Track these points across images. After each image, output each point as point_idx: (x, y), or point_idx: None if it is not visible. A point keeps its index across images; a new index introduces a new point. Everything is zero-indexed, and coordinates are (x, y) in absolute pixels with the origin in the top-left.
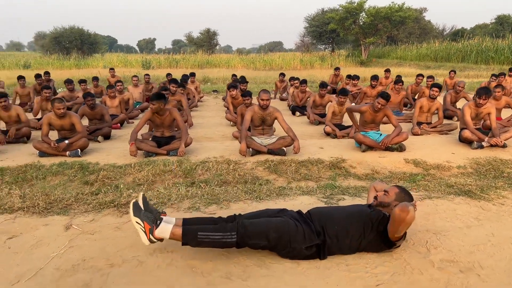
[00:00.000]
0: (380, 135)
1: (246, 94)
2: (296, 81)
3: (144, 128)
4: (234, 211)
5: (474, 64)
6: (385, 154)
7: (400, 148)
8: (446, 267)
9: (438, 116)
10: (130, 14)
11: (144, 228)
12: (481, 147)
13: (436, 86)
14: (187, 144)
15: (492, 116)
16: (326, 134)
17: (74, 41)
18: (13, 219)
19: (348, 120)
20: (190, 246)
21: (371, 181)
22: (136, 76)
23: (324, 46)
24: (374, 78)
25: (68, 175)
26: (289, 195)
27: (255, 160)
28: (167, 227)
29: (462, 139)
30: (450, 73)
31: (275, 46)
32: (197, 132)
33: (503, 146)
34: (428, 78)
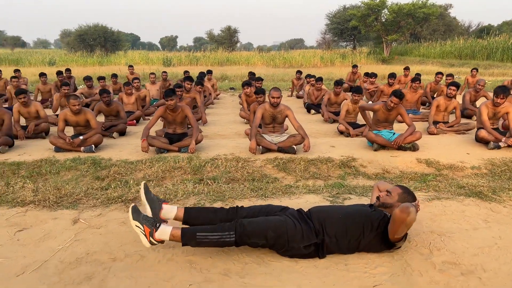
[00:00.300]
0: (393, 134)
1: (259, 91)
2: (312, 78)
3: (160, 124)
4: None
5: (499, 62)
6: (397, 154)
7: (413, 148)
8: (448, 269)
9: (455, 115)
10: (153, 12)
11: (144, 231)
12: (498, 148)
13: (453, 84)
14: (198, 141)
15: (510, 115)
16: (340, 132)
17: (98, 38)
18: (24, 212)
19: (363, 118)
20: (190, 246)
21: (382, 181)
22: (154, 73)
23: (345, 43)
24: (391, 76)
25: (81, 170)
26: (295, 193)
27: (265, 157)
28: (166, 230)
29: (478, 139)
30: (472, 71)
31: (296, 44)
32: (210, 129)
33: None
34: (448, 76)
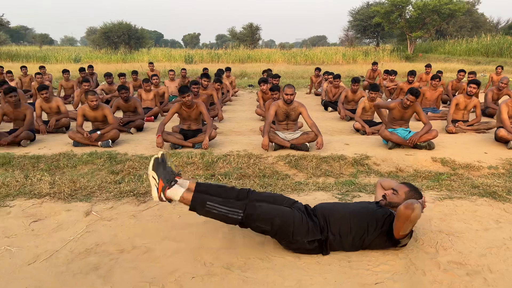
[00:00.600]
0: (409, 132)
1: (274, 88)
2: (330, 75)
3: (177, 121)
4: None
5: None
6: (412, 152)
7: (429, 146)
8: (453, 269)
9: (475, 114)
10: (177, 10)
11: (158, 184)
12: None
13: (473, 82)
14: (212, 138)
15: None
16: (356, 130)
17: (122, 36)
18: (40, 204)
19: (379, 116)
20: (196, 213)
21: (396, 179)
22: (173, 70)
23: (368, 40)
24: (411, 73)
25: (97, 164)
26: (304, 190)
27: (277, 154)
28: (179, 190)
29: (497, 138)
30: (497, 68)
31: (319, 41)
32: (226, 126)
33: None
34: (470, 74)
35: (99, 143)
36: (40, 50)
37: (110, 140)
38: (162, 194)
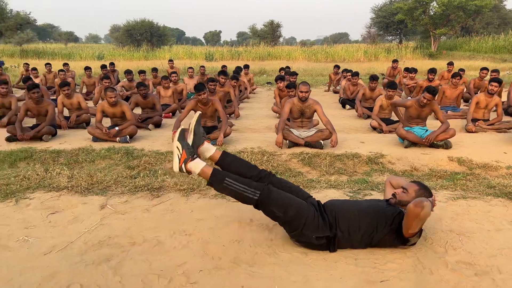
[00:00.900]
0: (426, 131)
1: (290, 85)
2: (348, 73)
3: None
4: None
5: None
6: (428, 151)
7: (446, 145)
8: (461, 269)
9: (497, 113)
10: (198, 7)
11: (181, 155)
12: None
13: (495, 80)
14: (226, 135)
15: None
16: (373, 128)
17: (144, 33)
18: (58, 197)
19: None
20: (213, 188)
21: (409, 178)
22: (192, 67)
23: (391, 37)
24: (431, 71)
25: (114, 159)
26: (315, 187)
27: (291, 152)
28: (200, 164)
29: None
30: None
31: (340, 38)
32: (242, 123)
33: None
34: (492, 72)
35: (117, 138)
36: (65, 47)
37: (128, 136)
38: (183, 166)
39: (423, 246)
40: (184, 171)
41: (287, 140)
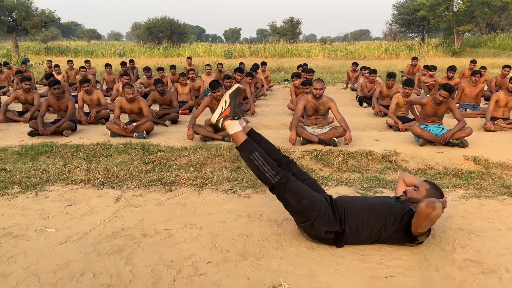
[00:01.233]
0: (442, 129)
1: (305, 82)
2: (366, 70)
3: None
4: (269, 196)
5: None
6: (444, 150)
7: (462, 144)
8: (467, 267)
9: None
10: (219, 4)
11: (224, 110)
12: None
13: None
14: None
15: None
16: (389, 126)
17: (165, 31)
18: (75, 190)
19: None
20: (240, 154)
21: (422, 176)
22: (209, 65)
23: (413, 34)
24: (451, 68)
25: (131, 154)
26: (326, 184)
27: (304, 149)
28: (237, 127)
29: None
30: None
31: (362, 35)
32: (257, 120)
33: None
34: None
35: (134, 134)
36: (88, 45)
37: (145, 132)
38: (221, 120)
39: (430, 244)
40: (220, 125)
41: (301, 137)
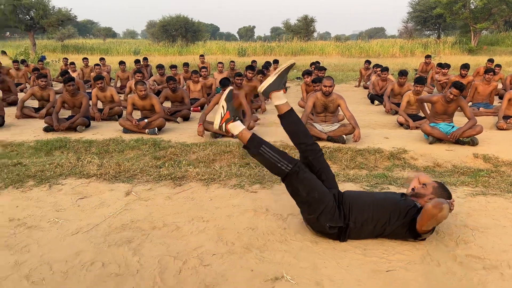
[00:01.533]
0: (452, 127)
1: (316, 80)
2: (379, 68)
3: None
4: (276, 191)
5: None
6: (453, 148)
7: (472, 142)
8: (469, 262)
9: None
10: (233, 2)
11: (224, 115)
12: None
13: None
14: (250, 128)
15: None
16: (400, 124)
17: (180, 29)
18: (87, 183)
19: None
20: (248, 152)
21: (430, 174)
22: (221, 62)
23: (429, 32)
24: (464, 66)
25: (142, 150)
26: None
27: None
28: (240, 126)
29: None
30: None
31: (376, 33)
32: (268, 117)
33: None
34: None
35: (146, 130)
36: (103, 43)
37: (156, 128)
38: (224, 124)
39: (434, 239)
40: (223, 129)
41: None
